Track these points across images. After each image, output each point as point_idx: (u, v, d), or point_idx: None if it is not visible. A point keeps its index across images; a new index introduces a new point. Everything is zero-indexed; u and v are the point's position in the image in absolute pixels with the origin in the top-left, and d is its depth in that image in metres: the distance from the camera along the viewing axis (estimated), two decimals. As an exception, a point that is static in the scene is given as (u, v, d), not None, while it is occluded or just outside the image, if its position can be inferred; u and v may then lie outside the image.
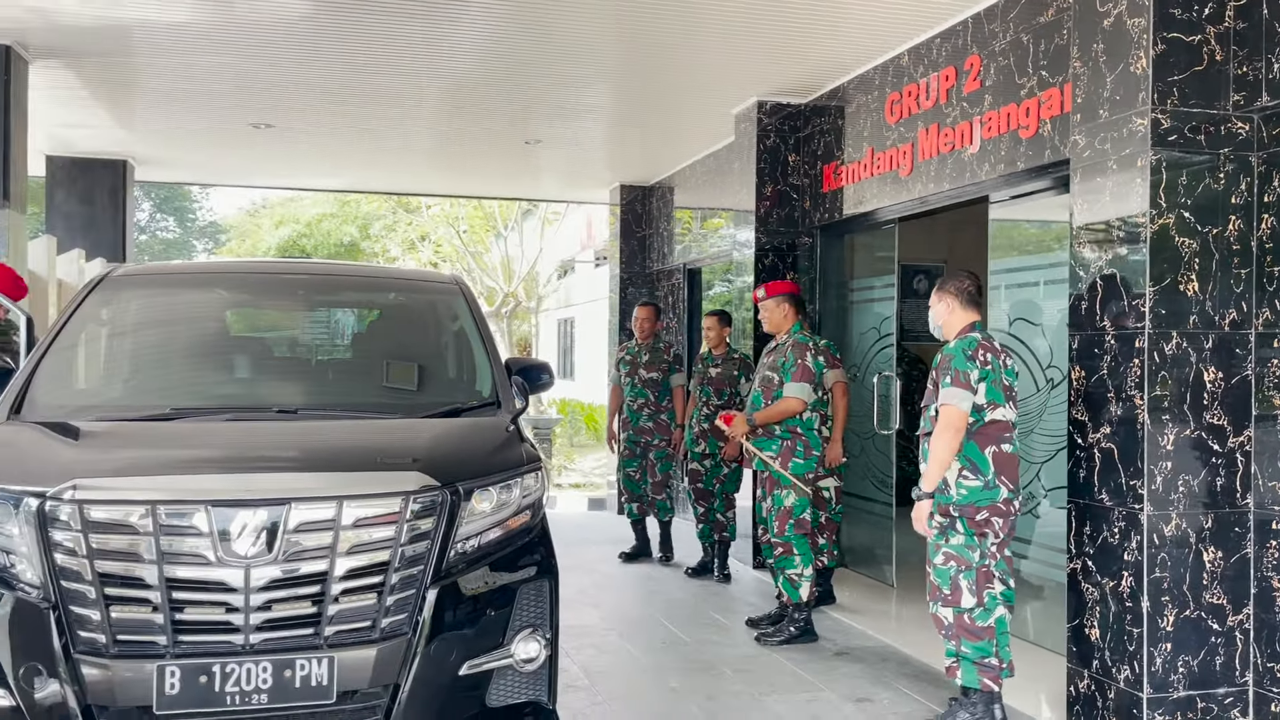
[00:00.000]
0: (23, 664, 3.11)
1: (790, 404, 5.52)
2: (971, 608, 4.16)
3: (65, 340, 4.10)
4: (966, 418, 4.13)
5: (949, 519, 4.18)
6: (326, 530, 3.27)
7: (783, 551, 5.64)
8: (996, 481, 4.15)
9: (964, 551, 4.17)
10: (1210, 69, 3.98)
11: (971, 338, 4.25)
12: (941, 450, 4.14)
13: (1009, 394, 4.21)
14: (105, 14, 5.89)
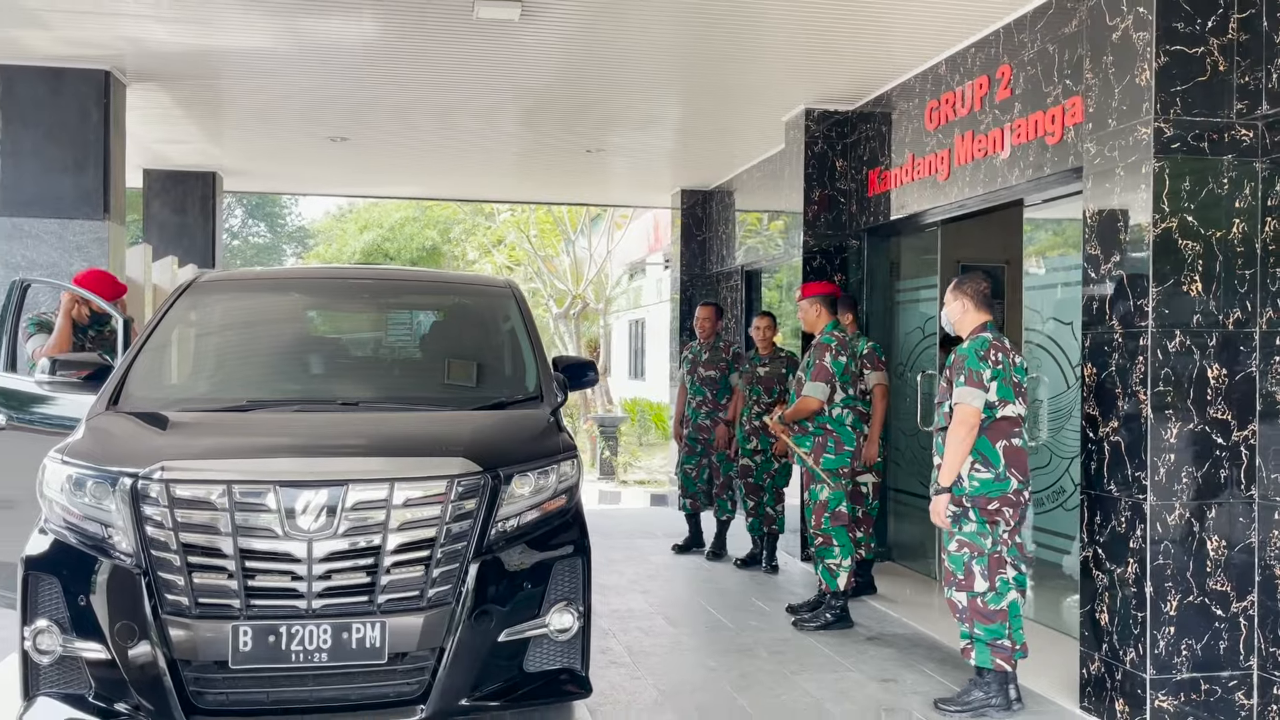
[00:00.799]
0: (118, 622, 3.57)
1: (807, 403, 5.79)
2: (984, 592, 4.40)
3: (157, 340, 4.60)
4: (979, 415, 4.37)
5: (962, 509, 4.42)
6: (380, 509, 3.68)
7: (822, 542, 5.90)
8: (1007, 474, 4.39)
9: (976, 539, 4.41)
10: (1213, 79, 4.16)
11: (983, 338, 4.48)
12: (956, 446, 4.39)
13: (1018, 390, 4.44)
14: (194, 41, 6.43)
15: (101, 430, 4.01)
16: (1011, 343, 4.66)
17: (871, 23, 5.98)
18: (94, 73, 6.79)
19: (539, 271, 21.18)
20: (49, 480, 3.81)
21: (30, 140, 6.77)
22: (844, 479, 5.91)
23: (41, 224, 6.79)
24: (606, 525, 9.78)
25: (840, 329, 6.10)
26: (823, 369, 5.83)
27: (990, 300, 4.61)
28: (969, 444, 4.38)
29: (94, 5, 5.78)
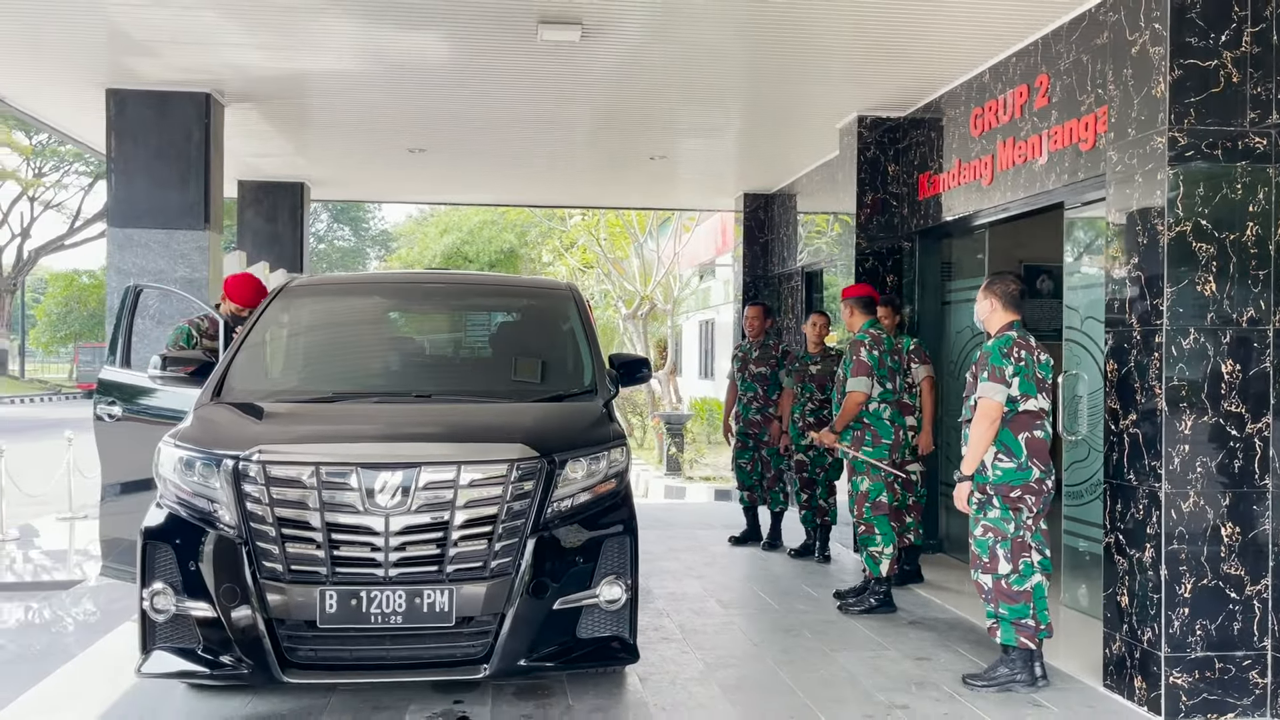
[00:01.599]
0: (222, 585, 4.08)
1: (852, 399, 6.09)
2: (1007, 574, 4.69)
3: (253, 339, 5.14)
4: (1001, 408, 4.67)
5: (986, 496, 4.72)
6: (448, 488, 4.13)
7: (865, 530, 6.22)
8: (1029, 463, 4.67)
9: (1000, 524, 4.70)
10: (1227, 90, 4.39)
11: (1008, 336, 4.77)
12: (979, 437, 4.70)
13: (1041, 385, 4.72)
14: (285, 65, 7.00)
15: (207, 418, 4.54)
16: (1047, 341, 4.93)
17: (920, 34, 6.25)
18: (196, 95, 7.42)
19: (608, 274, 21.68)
20: (163, 461, 4.35)
21: (139, 158, 7.42)
22: (884, 470, 6.21)
23: (149, 234, 7.44)
24: (669, 518, 10.18)
25: (876, 327, 6.39)
26: (861, 364, 6.14)
27: (1019, 301, 4.89)
28: (991, 435, 4.68)
29: (198, 36, 6.37)
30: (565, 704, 4.55)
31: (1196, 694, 4.38)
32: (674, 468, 14.26)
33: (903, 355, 6.65)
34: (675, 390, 20.76)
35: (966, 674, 4.89)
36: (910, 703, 4.60)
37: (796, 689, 4.79)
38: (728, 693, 4.73)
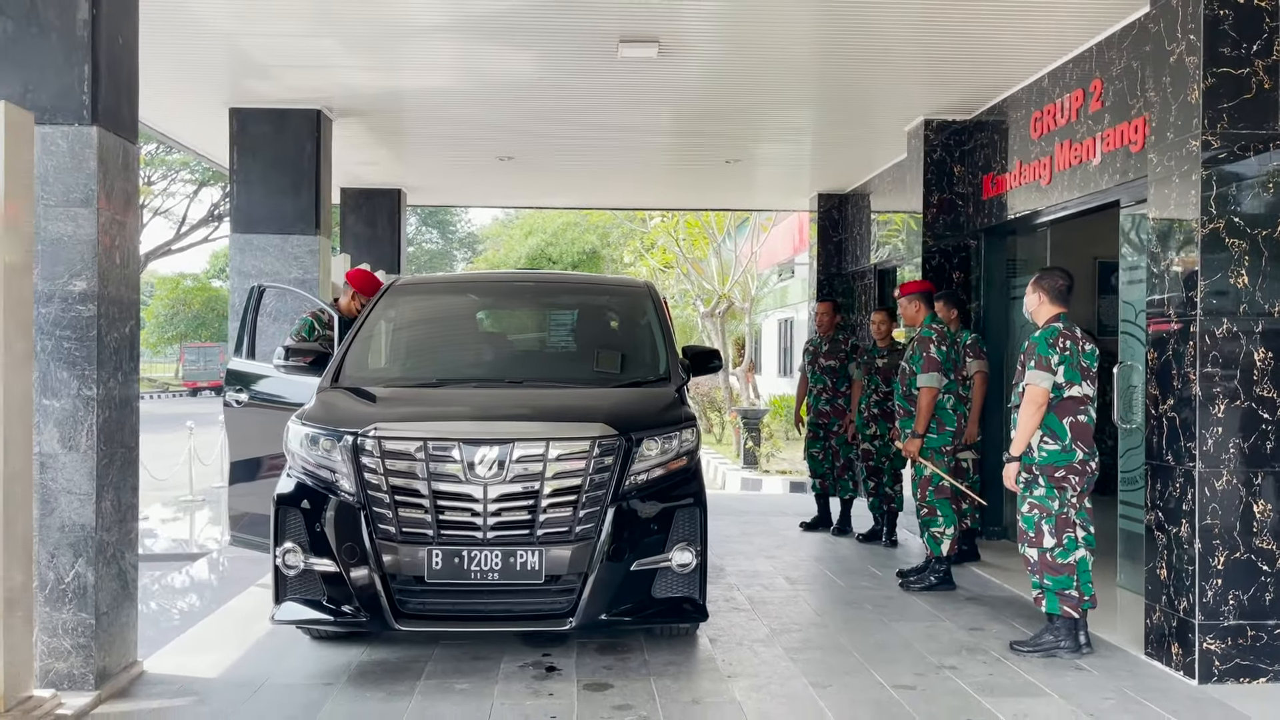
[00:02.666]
0: (343, 544, 4.68)
1: (926, 396, 6.46)
2: (1051, 548, 5.05)
3: (364, 333, 5.76)
4: (1047, 395, 5.03)
5: (1032, 476, 5.09)
6: (538, 462, 4.67)
7: (927, 513, 6.59)
8: (1073, 446, 5.03)
9: (1045, 502, 5.07)
10: (1259, 96, 4.69)
11: (1054, 328, 5.13)
12: (1026, 420, 5.07)
13: (1085, 374, 5.07)
14: (389, 83, 7.65)
15: (329, 401, 5.16)
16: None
17: (983, 42, 6.58)
18: (309, 112, 8.13)
19: (687, 273, 22.17)
20: (292, 437, 4.97)
21: (258, 169, 8.16)
22: (946, 456, 6.58)
23: (267, 239, 8.17)
24: (743, 507, 10.62)
25: (939, 322, 6.75)
26: (931, 360, 6.51)
27: (1065, 295, 5.24)
28: (1037, 419, 5.05)
29: (311, 60, 7.05)
30: (642, 658, 5.06)
31: (1229, 659, 4.69)
32: (750, 461, 14.67)
33: (960, 348, 6.99)
34: (754, 387, 21.13)
35: (1014, 641, 5.26)
36: (959, 664, 4.99)
37: (854, 651, 5.22)
38: (789, 653, 5.19)
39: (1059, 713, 4.33)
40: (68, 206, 4.37)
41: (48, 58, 4.33)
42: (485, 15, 6.15)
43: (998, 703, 4.44)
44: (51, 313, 4.37)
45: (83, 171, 4.37)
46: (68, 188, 4.37)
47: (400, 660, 5.01)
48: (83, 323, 4.39)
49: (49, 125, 4.32)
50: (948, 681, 4.73)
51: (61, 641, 4.38)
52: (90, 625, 4.39)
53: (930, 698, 4.51)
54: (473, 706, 4.36)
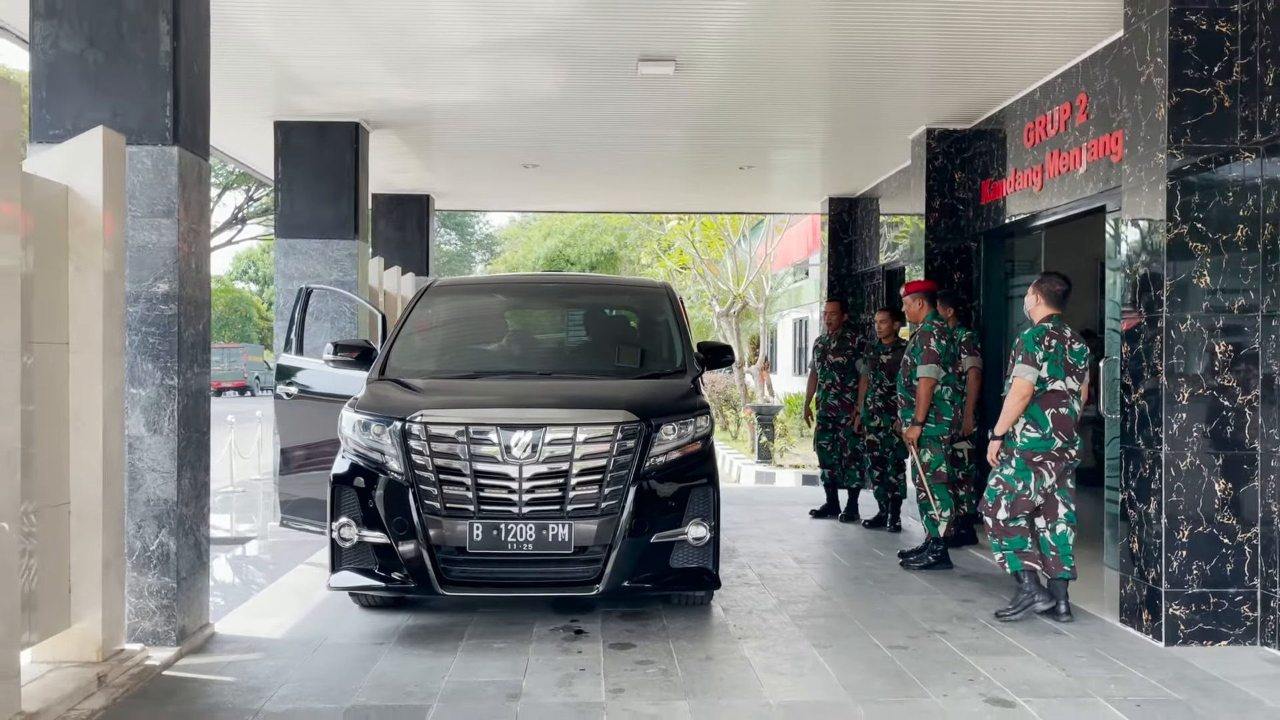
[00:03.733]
0: (393, 518, 5.22)
1: (925, 385, 6.96)
2: (1004, 519, 5.61)
3: (407, 330, 6.31)
4: (1031, 387, 5.55)
5: (1007, 456, 5.61)
6: (567, 445, 5.20)
7: (925, 497, 7.10)
8: (1052, 435, 5.54)
9: (1011, 481, 5.61)
10: (1219, 113, 5.17)
11: (1042, 327, 5.65)
12: (1010, 407, 5.59)
13: (1070, 370, 5.59)
14: (422, 98, 8.20)
15: (377, 391, 5.71)
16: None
17: (981, 56, 7.07)
18: (348, 125, 8.70)
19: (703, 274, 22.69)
20: (345, 423, 5.52)
21: (301, 179, 8.74)
22: (943, 444, 7.08)
23: (309, 243, 8.74)
24: (757, 498, 11.13)
25: (939, 318, 7.25)
26: (931, 353, 7.01)
27: (1060, 298, 5.76)
28: (1021, 408, 5.56)
29: (353, 78, 7.61)
30: (661, 624, 5.58)
31: (1193, 624, 5.17)
32: (765, 456, 15.17)
33: (957, 344, 7.48)
34: (769, 385, 21.63)
35: (998, 610, 5.77)
36: (949, 630, 5.49)
37: (854, 619, 5.73)
38: (794, 620, 5.70)
39: (1034, 667, 4.83)
40: (152, 217, 4.94)
41: (134, 85, 4.89)
42: (513, 38, 6.70)
43: (980, 660, 4.94)
44: (138, 311, 4.93)
45: (165, 186, 4.94)
46: (152, 201, 4.93)
47: (443, 625, 5.55)
48: (165, 320, 4.95)
49: (136, 145, 4.88)
50: (937, 643, 5.24)
51: (147, 603, 4.94)
52: (172, 588, 4.96)
53: (920, 656, 5.01)
54: (510, 661, 4.90)
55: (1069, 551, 5.63)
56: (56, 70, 4.87)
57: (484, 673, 4.72)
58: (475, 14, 6.26)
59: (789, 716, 4.18)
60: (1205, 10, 5.17)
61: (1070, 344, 5.67)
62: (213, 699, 4.38)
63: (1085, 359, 5.73)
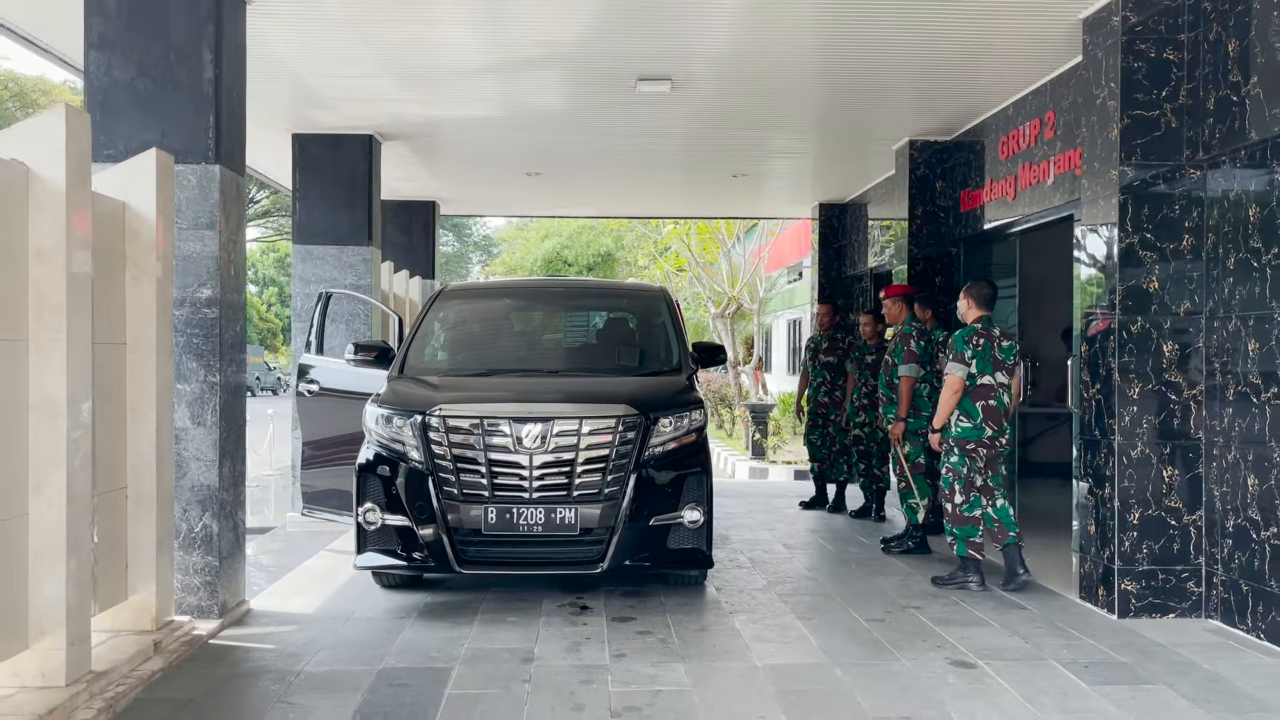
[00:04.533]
0: (414, 503, 5.72)
1: (906, 384, 7.47)
2: (960, 504, 6.21)
3: (423, 330, 6.81)
4: (962, 382, 6.15)
5: (949, 446, 6.21)
6: (573, 436, 5.70)
7: (905, 487, 7.61)
8: (983, 425, 6.16)
9: (958, 468, 6.23)
10: (1167, 134, 5.68)
11: (971, 328, 6.26)
12: (944, 401, 6.30)
13: (999, 365, 6.22)
14: (433, 112, 8.70)
15: (397, 387, 6.21)
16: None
17: (959, 75, 7.54)
18: (362, 137, 9.20)
19: (698, 276, 23.21)
20: (369, 417, 6.02)
21: (317, 188, 9.23)
22: (922, 438, 7.59)
23: (325, 249, 9.24)
24: (750, 491, 11.63)
25: (917, 320, 7.76)
26: (911, 353, 7.53)
27: (989, 301, 6.41)
28: (954, 401, 6.23)
29: (366, 95, 8.11)
30: (659, 601, 6.08)
31: (1143, 598, 5.68)
32: (758, 452, 15.67)
33: (934, 344, 7.99)
34: (763, 384, 22.13)
35: (934, 575, 6.39)
36: (923, 605, 6.00)
37: (836, 596, 6.24)
38: (782, 597, 6.21)
39: (997, 636, 5.34)
40: (196, 229, 5.43)
41: (181, 110, 5.39)
42: (522, 59, 7.19)
43: (949, 630, 5.45)
44: (184, 315, 5.42)
45: (208, 201, 5.43)
46: (196, 214, 5.43)
47: (459, 602, 6.04)
48: (208, 323, 5.45)
49: (182, 164, 5.38)
50: (911, 617, 5.75)
51: (192, 579, 5.43)
52: (215, 567, 5.45)
53: (894, 627, 5.52)
54: (522, 632, 5.39)
55: (1011, 521, 6.31)
56: (109, 96, 5.37)
57: (499, 641, 5.22)
58: (485, 37, 6.75)
59: (774, 676, 4.68)
60: (1154, 40, 5.68)
61: (999, 342, 6.28)
62: (257, 663, 4.88)
63: (1014, 355, 6.33)
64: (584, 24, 6.45)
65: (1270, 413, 5.14)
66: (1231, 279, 5.46)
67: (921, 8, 6.13)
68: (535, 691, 4.45)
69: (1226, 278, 5.50)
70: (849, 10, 6.23)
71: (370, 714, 4.18)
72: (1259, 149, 5.21)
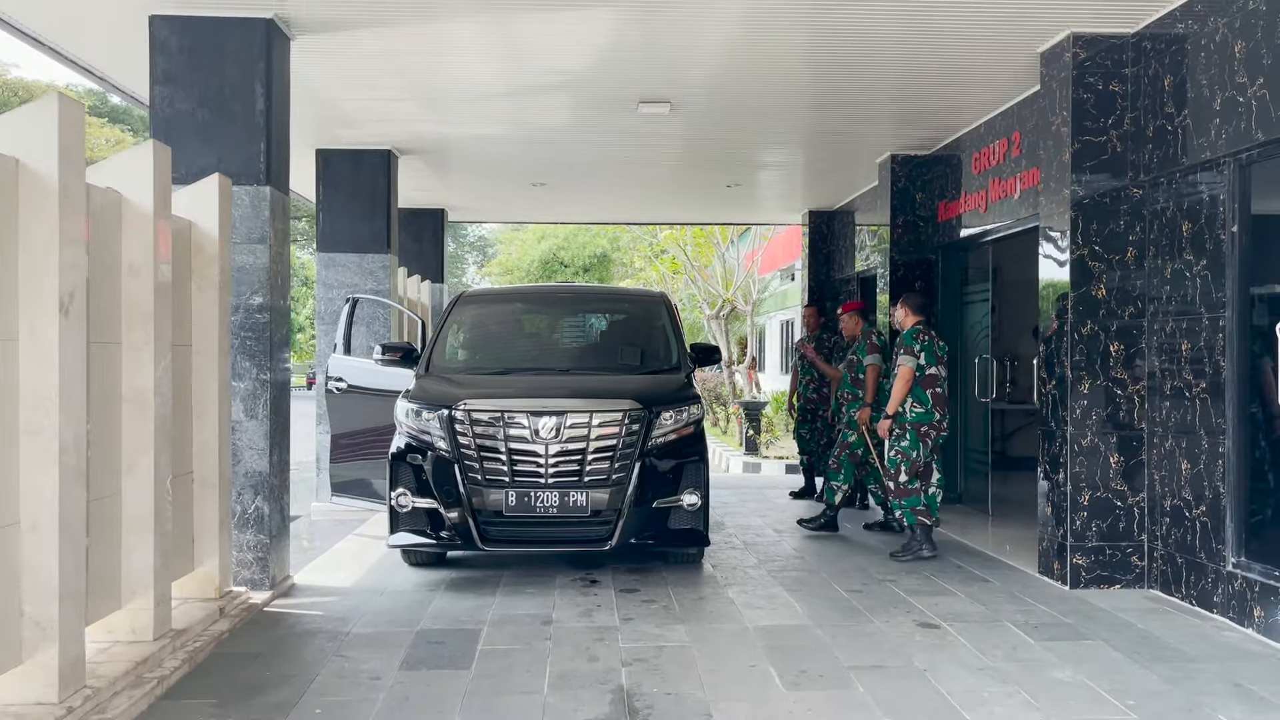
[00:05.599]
0: (441, 488, 6.39)
1: (871, 373, 8.19)
2: (904, 482, 7.01)
3: (445, 333, 7.49)
4: (913, 373, 7.00)
5: (901, 430, 7.03)
6: (584, 428, 6.38)
7: (834, 468, 8.35)
8: (933, 410, 7.02)
9: (908, 450, 7.09)
10: (1113, 158, 6.38)
11: (915, 328, 7.20)
12: (897, 390, 7.18)
13: (939, 360, 7.11)
14: (448, 130, 9.37)
15: (425, 384, 6.88)
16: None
17: (936, 97, 8.19)
18: (381, 152, 9.87)
19: (694, 279, 23.91)
20: (400, 411, 6.69)
21: (339, 199, 9.90)
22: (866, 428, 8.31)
23: (346, 257, 9.90)
24: (744, 484, 12.32)
25: (874, 326, 8.56)
26: (873, 345, 8.31)
27: (922, 307, 7.40)
28: (906, 390, 7.13)
29: (387, 115, 8.78)
30: (661, 576, 6.77)
31: (1092, 571, 6.38)
32: (751, 448, 16.36)
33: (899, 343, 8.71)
34: (756, 384, 22.83)
35: (891, 550, 7.15)
36: (898, 579, 6.69)
37: (820, 572, 6.93)
38: (771, 574, 6.90)
39: (961, 603, 6.03)
40: (249, 244, 6.11)
41: (235, 137, 6.06)
42: (533, 85, 7.87)
43: (919, 598, 6.14)
44: (238, 320, 6.09)
45: (259, 219, 6.10)
46: (249, 230, 6.10)
47: (481, 577, 6.72)
48: (259, 326, 6.12)
49: (237, 186, 6.05)
50: (887, 588, 6.44)
51: (246, 555, 6.11)
52: (265, 544, 6.12)
53: (870, 596, 6.21)
54: (540, 601, 6.08)
55: (936, 507, 7.35)
56: (173, 125, 6.04)
57: (521, 608, 5.91)
58: (502, 67, 7.42)
59: (763, 635, 5.37)
60: (1101, 74, 6.38)
61: (936, 340, 7.21)
62: (310, 626, 5.56)
63: (945, 352, 7.31)
64: (593, 56, 7.13)
65: (1199, 406, 5.85)
66: (1168, 287, 6.16)
67: (899, 38, 6.78)
68: (556, 647, 5.13)
69: (1164, 286, 6.20)
70: (833, 40, 6.89)
71: (415, 664, 4.86)
72: (1189, 173, 5.91)
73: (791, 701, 4.37)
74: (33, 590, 3.88)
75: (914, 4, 6.05)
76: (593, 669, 4.79)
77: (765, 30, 6.58)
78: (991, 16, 6.29)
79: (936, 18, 6.27)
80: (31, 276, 3.86)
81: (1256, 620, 5.34)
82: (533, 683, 4.60)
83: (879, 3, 6.06)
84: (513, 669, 4.79)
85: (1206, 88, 5.72)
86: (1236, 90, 5.45)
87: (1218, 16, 5.62)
